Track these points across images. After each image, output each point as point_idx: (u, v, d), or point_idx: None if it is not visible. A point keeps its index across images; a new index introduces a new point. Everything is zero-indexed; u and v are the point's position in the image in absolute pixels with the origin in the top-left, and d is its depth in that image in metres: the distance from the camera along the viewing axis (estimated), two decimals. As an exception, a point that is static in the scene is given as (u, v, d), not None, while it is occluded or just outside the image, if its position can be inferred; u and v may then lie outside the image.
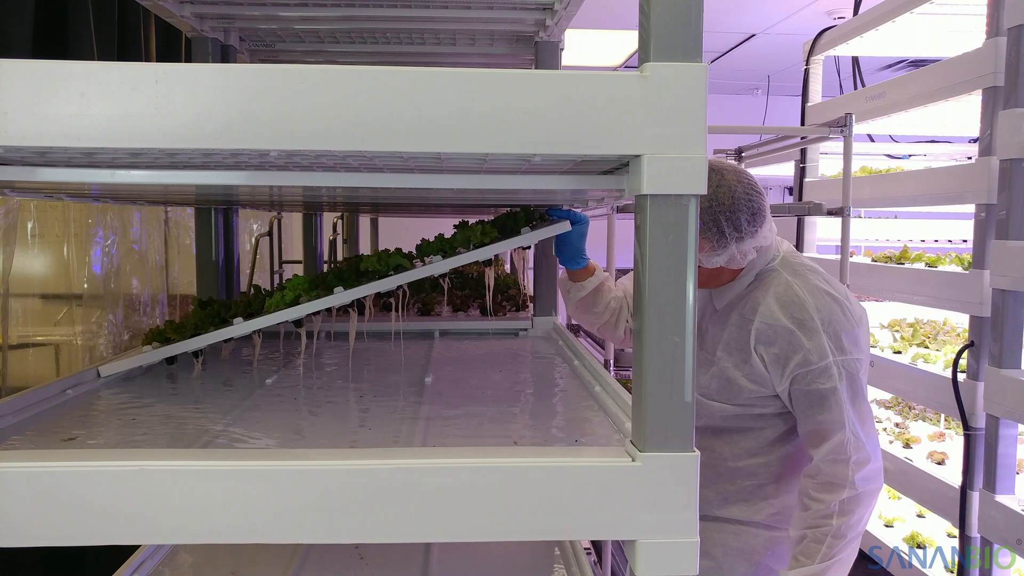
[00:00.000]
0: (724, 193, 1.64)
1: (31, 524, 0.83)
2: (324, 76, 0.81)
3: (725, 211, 1.63)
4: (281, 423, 1.14)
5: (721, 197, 1.64)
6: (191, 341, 1.41)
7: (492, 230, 1.49)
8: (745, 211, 1.64)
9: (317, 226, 3.09)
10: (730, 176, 1.67)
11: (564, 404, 1.27)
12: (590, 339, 4.04)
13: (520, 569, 1.51)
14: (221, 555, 1.54)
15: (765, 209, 1.69)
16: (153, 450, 0.98)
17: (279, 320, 1.40)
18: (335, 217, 4.26)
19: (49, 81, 0.78)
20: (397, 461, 0.86)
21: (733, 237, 1.64)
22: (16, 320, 2.54)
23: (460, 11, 1.89)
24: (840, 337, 1.61)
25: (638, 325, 0.87)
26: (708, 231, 1.64)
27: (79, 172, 0.97)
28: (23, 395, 1.19)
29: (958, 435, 3.07)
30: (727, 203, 1.64)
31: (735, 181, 1.66)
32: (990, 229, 2.48)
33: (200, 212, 2.06)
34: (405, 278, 1.42)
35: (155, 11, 1.82)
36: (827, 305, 1.63)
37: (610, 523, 0.86)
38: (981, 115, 2.53)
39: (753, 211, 1.65)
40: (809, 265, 1.75)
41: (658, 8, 0.81)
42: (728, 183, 1.65)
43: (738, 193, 1.64)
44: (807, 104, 3.93)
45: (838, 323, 1.61)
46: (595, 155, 0.86)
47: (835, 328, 1.61)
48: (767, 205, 1.70)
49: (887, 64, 5.80)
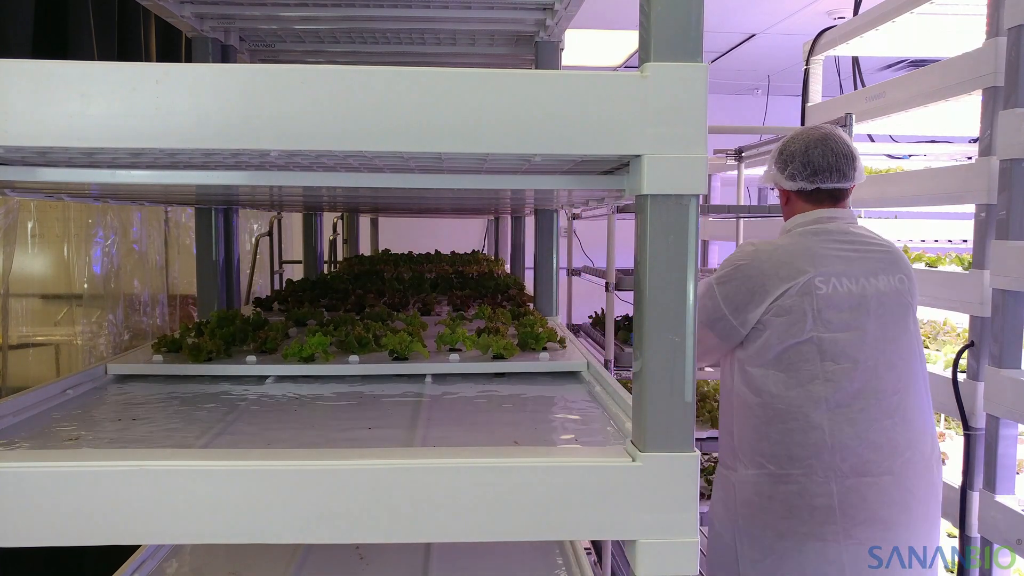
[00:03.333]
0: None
1: (31, 524, 0.83)
2: (324, 76, 0.81)
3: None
4: (281, 423, 1.14)
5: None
6: (203, 367, 1.43)
7: (513, 347, 1.52)
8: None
9: (317, 226, 3.10)
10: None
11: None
12: (590, 339, 4.04)
13: (520, 569, 1.51)
14: (221, 555, 1.54)
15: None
16: (153, 450, 0.98)
17: (290, 372, 1.43)
18: (335, 217, 4.27)
19: (49, 81, 0.78)
20: (397, 461, 0.86)
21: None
22: (16, 320, 2.54)
23: (460, 11, 1.89)
24: (722, 266, 2.01)
25: (638, 325, 0.87)
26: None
27: (79, 172, 0.97)
28: (24, 395, 1.19)
29: (958, 435, 3.07)
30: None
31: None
32: (990, 229, 2.48)
33: (200, 212, 2.06)
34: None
35: (155, 11, 1.82)
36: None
37: (610, 523, 0.86)
38: (981, 115, 2.53)
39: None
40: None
41: (658, 8, 0.81)
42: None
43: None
44: (807, 104, 3.93)
45: (728, 260, 2.03)
46: (595, 155, 0.86)
47: (726, 261, 2.03)
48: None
49: (887, 64, 5.80)
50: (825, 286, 1.86)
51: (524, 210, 2.71)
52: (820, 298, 1.85)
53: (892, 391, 1.86)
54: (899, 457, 1.85)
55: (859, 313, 1.86)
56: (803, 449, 1.84)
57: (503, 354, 1.49)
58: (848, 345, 1.85)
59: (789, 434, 1.86)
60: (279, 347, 1.56)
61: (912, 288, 1.96)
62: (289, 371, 1.42)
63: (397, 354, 1.48)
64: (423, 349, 1.50)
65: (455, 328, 1.61)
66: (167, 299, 3.42)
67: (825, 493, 1.82)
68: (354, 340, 1.52)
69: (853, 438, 1.83)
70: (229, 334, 1.57)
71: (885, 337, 1.87)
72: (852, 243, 1.95)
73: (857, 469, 1.83)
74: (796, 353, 1.86)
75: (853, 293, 1.88)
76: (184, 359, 1.45)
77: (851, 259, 1.91)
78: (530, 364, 1.48)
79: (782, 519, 1.85)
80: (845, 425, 1.83)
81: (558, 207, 2.23)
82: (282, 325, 1.72)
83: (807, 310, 1.85)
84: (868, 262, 1.92)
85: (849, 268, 1.90)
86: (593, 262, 4.62)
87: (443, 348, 1.56)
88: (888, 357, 1.86)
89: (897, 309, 1.90)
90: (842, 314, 1.86)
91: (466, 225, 6.70)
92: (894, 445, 1.85)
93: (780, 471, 1.86)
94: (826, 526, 1.82)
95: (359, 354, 1.48)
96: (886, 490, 1.83)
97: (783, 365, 1.87)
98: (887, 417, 1.85)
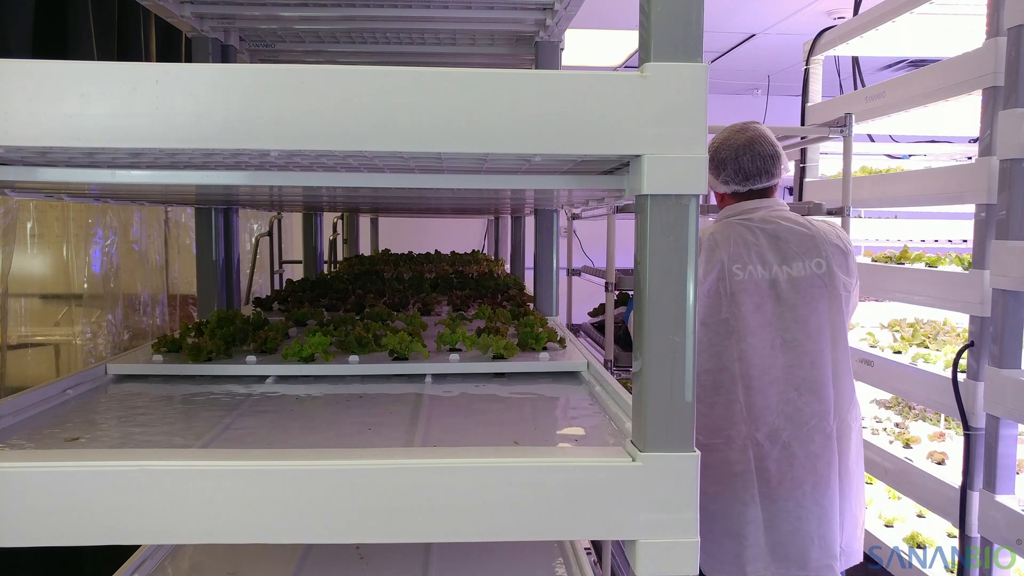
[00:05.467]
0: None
1: (31, 524, 0.83)
2: (324, 76, 0.81)
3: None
4: (281, 423, 1.14)
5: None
6: (203, 367, 1.43)
7: (513, 347, 1.52)
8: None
9: (317, 226, 3.10)
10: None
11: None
12: (590, 339, 4.04)
13: (520, 569, 1.51)
14: (221, 555, 1.54)
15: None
16: (153, 450, 0.98)
17: (290, 372, 1.43)
18: (335, 217, 4.27)
19: (49, 81, 0.78)
20: (397, 461, 0.86)
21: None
22: (16, 320, 2.54)
23: (460, 11, 1.89)
24: None
25: (638, 325, 0.87)
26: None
27: (79, 172, 0.97)
28: (24, 395, 1.19)
29: (958, 435, 3.08)
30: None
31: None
32: (990, 229, 2.48)
33: (200, 212, 2.06)
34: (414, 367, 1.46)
35: (155, 11, 1.82)
36: None
37: (610, 523, 0.86)
38: (981, 115, 2.53)
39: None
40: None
41: (658, 8, 0.81)
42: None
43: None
44: (807, 104, 3.93)
45: None
46: (595, 155, 0.86)
47: None
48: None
49: (887, 64, 5.80)
50: (742, 272, 2.08)
51: (524, 210, 2.71)
52: (735, 283, 2.07)
53: (798, 365, 2.06)
54: (804, 426, 2.06)
55: (767, 297, 2.07)
56: (724, 421, 2.06)
57: (503, 354, 1.49)
58: (756, 326, 2.06)
59: (712, 407, 2.08)
60: (279, 347, 1.56)
61: (832, 270, 2.11)
62: (289, 371, 1.42)
63: (397, 354, 1.48)
64: (423, 349, 1.50)
65: (455, 328, 1.61)
66: (167, 299, 3.42)
67: (743, 460, 2.05)
68: (354, 340, 1.52)
69: (764, 409, 2.05)
70: (229, 334, 1.57)
71: (794, 317, 2.07)
72: (771, 232, 2.13)
73: (769, 437, 2.05)
74: (715, 333, 2.08)
75: (764, 278, 2.08)
76: (184, 359, 1.45)
77: (764, 247, 2.11)
78: (530, 364, 1.48)
79: (710, 484, 2.06)
80: (757, 397, 2.05)
81: (558, 207, 2.23)
82: (282, 325, 1.72)
83: (722, 293, 2.07)
84: (784, 249, 2.11)
85: (763, 255, 2.10)
86: (593, 262, 4.62)
87: (443, 348, 1.56)
88: (794, 335, 2.06)
89: (809, 291, 2.08)
90: (752, 297, 2.07)
91: (466, 225, 6.70)
92: (801, 415, 2.06)
93: (706, 441, 2.07)
94: (746, 489, 2.05)
95: (359, 354, 1.48)
96: (794, 455, 2.05)
97: (705, 344, 2.08)
98: (793, 389, 2.06)
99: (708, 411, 2.09)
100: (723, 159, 2.22)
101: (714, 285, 2.09)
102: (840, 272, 2.13)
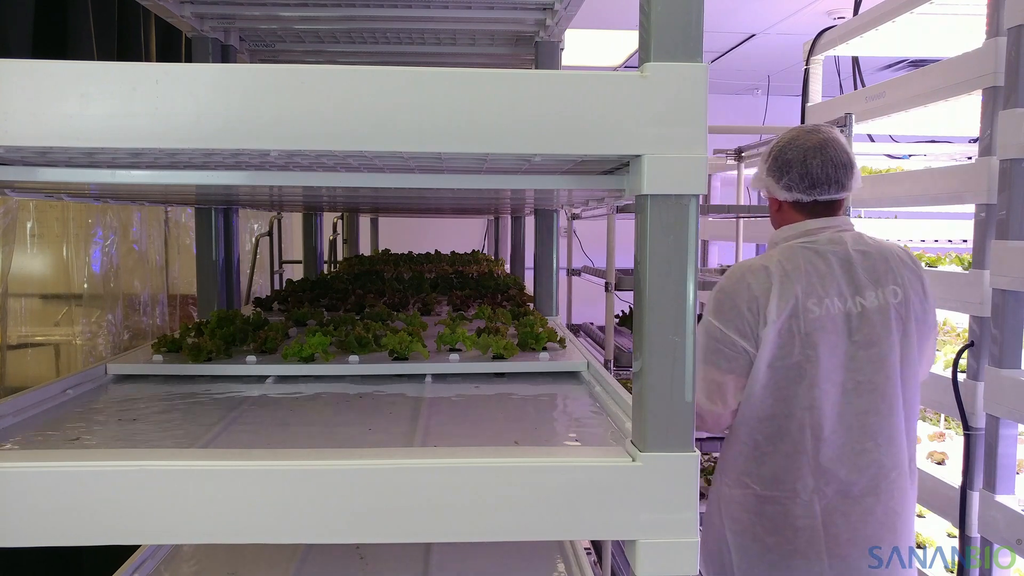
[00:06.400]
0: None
1: (31, 524, 0.83)
2: (324, 76, 0.81)
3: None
4: (281, 423, 1.14)
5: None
6: (203, 367, 1.43)
7: (513, 347, 1.53)
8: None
9: (317, 226, 3.10)
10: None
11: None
12: (590, 339, 4.04)
13: (520, 569, 1.51)
14: (221, 555, 1.54)
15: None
16: (153, 450, 0.98)
17: (290, 372, 1.43)
18: (335, 217, 4.27)
19: (49, 81, 0.78)
20: (397, 461, 0.86)
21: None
22: (16, 320, 2.54)
23: (460, 11, 1.89)
24: (711, 296, 1.92)
25: (638, 325, 0.87)
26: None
27: (79, 172, 0.97)
28: (24, 395, 1.19)
29: (958, 435, 3.07)
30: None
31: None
32: (990, 229, 2.48)
33: (200, 212, 2.06)
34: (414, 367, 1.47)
35: (155, 11, 1.82)
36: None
37: (610, 523, 0.86)
38: (981, 115, 2.53)
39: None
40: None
41: (658, 8, 0.81)
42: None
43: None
44: (807, 104, 3.93)
45: (716, 287, 1.93)
46: (595, 155, 0.86)
47: (714, 290, 1.92)
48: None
49: (887, 64, 5.80)
50: (818, 308, 1.81)
51: (524, 210, 2.71)
52: (811, 322, 1.80)
53: (873, 411, 1.82)
54: (884, 479, 1.84)
55: (842, 334, 1.82)
56: (788, 473, 1.83)
57: (503, 354, 1.49)
58: (830, 369, 1.81)
59: (773, 457, 1.84)
60: (279, 347, 1.56)
61: (908, 297, 1.87)
62: (289, 371, 1.42)
63: (397, 354, 1.48)
64: (423, 349, 1.50)
65: (455, 328, 1.61)
66: (167, 299, 3.42)
67: (809, 515, 1.81)
68: (354, 340, 1.52)
69: (836, 461, 1.81)
70: (229, 334, 1.57)
71: (868, 357, 1.82)
72: (842, 257, 1.87)
73: (841, 491, 1.82)
74: (783, 377, 1.82)
75: (840, 312, 1.82)
76: (184, 359, 1.45)
77: (839, 276, 1.85)
78: (530, 364, 1.48)
79: (769, 535, 1.85)
80: (828, 448, 1.81)
81: (558, 207, 2.23)
82: (282, 325, 1.72)
83: (795, 333, 1.80)
84: (855, 277, 1.85)
85: (838, 287, 1.84)
86: (593, 262, 4.62)
87: (443, 348, 1.56)
88: (869, 377, 1.82)
89: (885, 325, 1.83)
90: (828, 336, 1.81)
91: (466, 225, 6.70)
92: (879, 466, 1.83)
93: (766, 492, 1.85)
94: (811, 545, 1.82)
95: (359, 354, 1.48)
96: (870, 510, 1.83)
97: (769, 389, 1.83)
98: (869, 439, 1.82)
99: (768, 460, 1.85)
100: (788, 161, 1.93)
101: (786, 323, 1.80)
102: (917, 300, 1.88)
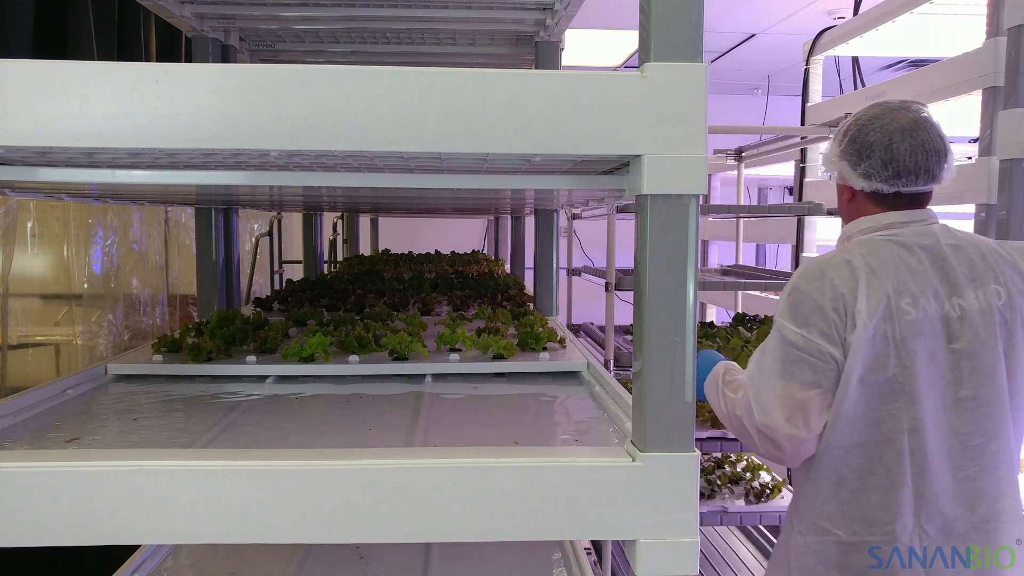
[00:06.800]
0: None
1: (31, 524, 0.83)
2: (324, 76, 0.81)
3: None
4: (281, 423, 1.14)
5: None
6: (203, 367, 1.43)
7: (513, 347, 1.52)
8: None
9: (317, 226, 3.10)
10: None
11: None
12: (590, 339, 4.04)
13: (520, 569, 1.51)
14: (221, 555, 1.54)
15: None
16: (153, 450, 0.98)
17: (290, 372, 1.43)
18: (335, 217, 4.27)
19: (49, 81, 0.78)
20: (397, 461, 0.86)
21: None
22: (16, 320, 2.54)
23: (460, 11, 1.89)
24: (782, 299, 1.59)
25: (638, 325, 0.87)
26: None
27: (79, 172, 0.97)
28: (24, 395, 1.19)
29: None
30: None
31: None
32: (990, 229, 2.48)
33: (200, 212, 2.06)
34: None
35: (155, 11, 1.82)
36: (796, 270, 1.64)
37: (610, 523, 0.86)
38: (981, 115, 2.53)
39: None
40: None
41: (658, 8, 0.81)
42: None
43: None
44: (807, 104, 3.93)
45: (789, 287, 1.59)
46: (595, 155, 0.86)
47: (785, 291, 1.59)
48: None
49: (887, 64, 5.80)
50: (913, 309, 1.50)
51: (524, 210, 2.71)
52: (906, 325, 1.49)
53: (978, 432, 1.52)
54: (994, 519, 1.58)
55: (940, 341, 1.51)
56: (883, 511, 1.51)
57: (503, 354, 1.49)
58: (930, 382, 1.50)
59: (863, 493, 1.52)
60: (279, 347, 1.56)
61: (1013, 299, 1.56)
62: (289, 371, 1.42)
63: (397, 354, 1.48)
64: (423, 349, 1.50)
65: (455, 328, 1.61)
66: (167, 299, 3.42)
67: (910, 564, 1.53)
68: (354, 340, 1.52)
69: (939, 493, 1.52)
70: (229, 334, 1.57)
71: (970, 367, 1.52)
72: (933, 252, 1.56)
73: (944, 528, 1.55)
74: (875, 395, 1.49)
75: (937, 315, 1.52)
76: (184, 359, 1.45)
77: (931, 273, 1.54)
78: (530, 364, 1.48)
79: None
80: (931, 479, 1.51)
81: (558, 207, 2.23)
82: (282, 325, 1.72)
83: (890, 339, 1.48)
84: (951, 275, 1.54)
85: (933, 285, 1.53)
86: (593, 262, 4.62)
87: (443, 348, 1.56)
88: (972, 391, 1.52)
89: (987, 330, 1.53)
90: (926, 342, 1.50)
91: (466, 225, 6.70)
92: (987, 499, 1.55)
93: (853, 538, 1.52)
94: None
95: (359, 354, 1.48)
96: (980, 555, 1.59)
97: (859, 410, 1.50)
98: (972, 464, 1.53)
99: (856, 498, 1.52)
100: (870, 144, 1.59)
101: (879, 328, 1.48)
102: (1022, 301, 1.56)
